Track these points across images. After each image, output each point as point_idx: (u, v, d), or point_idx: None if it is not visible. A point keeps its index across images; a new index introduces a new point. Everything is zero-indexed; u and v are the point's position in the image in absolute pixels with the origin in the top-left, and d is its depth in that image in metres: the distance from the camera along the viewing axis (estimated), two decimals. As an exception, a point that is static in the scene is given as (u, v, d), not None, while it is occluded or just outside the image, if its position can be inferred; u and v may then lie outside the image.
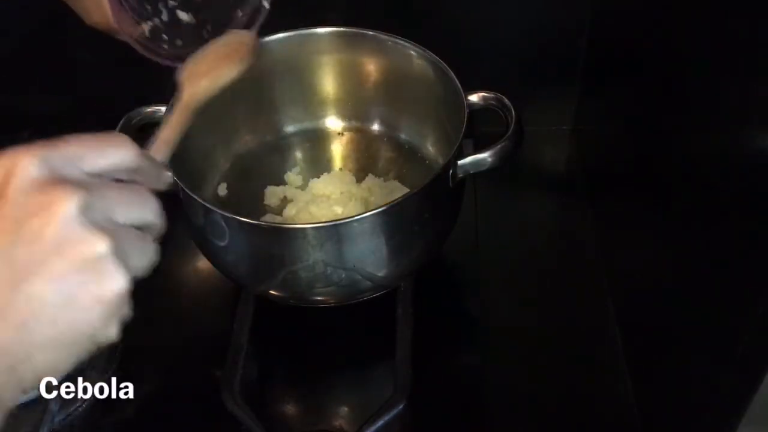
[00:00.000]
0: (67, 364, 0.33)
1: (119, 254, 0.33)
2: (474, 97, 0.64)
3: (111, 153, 0.36)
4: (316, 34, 0.72)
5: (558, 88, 0.84)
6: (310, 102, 0.78)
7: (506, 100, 0.64)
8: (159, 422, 0.63)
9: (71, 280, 0.32)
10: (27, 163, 0.32)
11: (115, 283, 0.33)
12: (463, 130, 0.61)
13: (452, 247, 0.70)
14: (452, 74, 0.65)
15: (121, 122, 0.65)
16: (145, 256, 0.35)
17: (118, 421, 0.63)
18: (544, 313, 0.69)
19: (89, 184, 0.33)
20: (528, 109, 0.64)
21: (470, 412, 0.63)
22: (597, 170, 0.79)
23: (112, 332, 0.34)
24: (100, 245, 0.32)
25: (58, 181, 0.32)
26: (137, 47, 0.57)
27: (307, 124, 0.79)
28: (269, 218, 0.71)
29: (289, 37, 0.71)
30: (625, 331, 0.66)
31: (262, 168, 0.76)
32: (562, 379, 0.64)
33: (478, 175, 0.63)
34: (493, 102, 0.64)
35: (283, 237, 0.59)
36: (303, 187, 0.74)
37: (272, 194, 0.73)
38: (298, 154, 0.77)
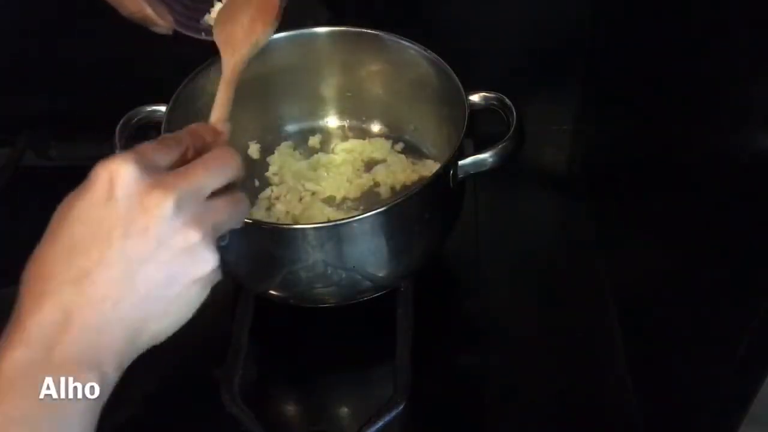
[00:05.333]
0: (173, 329, 0.41)
1: (212, 234, 0.41)
2: (475, 97, 0.64)
3: (174, 151, 0.42)
4: (316, 34, 0.72)
5: (558, 88, 0.84)
6: (311, 102, 0.78)
7: (507, 100, 0.64)
8: (159, 422, 0.63)
9: (174, 265, 0.39)
10: (126, 169, 0.38)
11: (208, 263, 0.40)
12: (464, 130, 0.61)
13: (452, 247, 0.70)
14: (453, 74, 0.65)
15: (121, 122, 0.65)
16: (239, 213, 0.43)
17: (118, 421, 0.63)
18: (545, 313, 0.69)
19: (177, 177, 0.40)
20: (528, 109, 0.64)
21: (470, 412, 0.63)
22: (597, 170, 0.79)
23: (205, 295, 0.42)
24: (194, 235, 0.39)
25: (153, 185, 0.38)
26: (176, 27, 0.59)
27: (307, 124, 0.79)
28: (267, 217, 0.71)
29: (289, 37, 0.71)
30: (625, 331, 0.66)
31: (262, 167, 0.76)
32: (563, 379, 0.64)
33: (479, 174, 0.63)
34: (494, 102, 0.64)
35: (283, 237, 0.59)
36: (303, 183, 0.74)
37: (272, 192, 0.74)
38: (299, 154, 0.77)
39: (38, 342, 0.36)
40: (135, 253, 0.38)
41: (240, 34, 0.58)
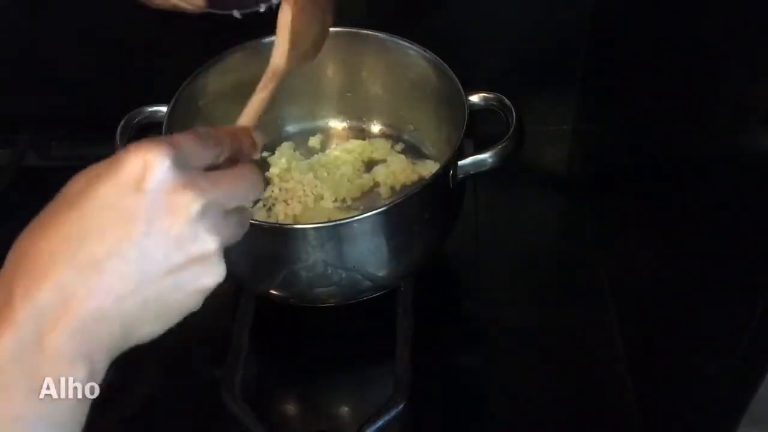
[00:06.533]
0: (161, 331, 0.39)
1: (224, 246, 0.39)
2: (474, 98, 0.64)
3: (214, 149, 0.41)
4: (316, 34, 0.72)
5: (558, 88, 0.84)
6: (311, 102, 0.78)
7: (507, 101, 0.64)
8: (159, 422, 0.63)
9: (185, 272, 0.38)
10: (161, 161, 0.36)
11: (216, 276, 0.39)
12: (464, 130, 0.61)
13: (452, 247, 0.70)
14: (453, 74, 0.65)
15: (122, 123, 0.65)
16: (242, 228, 0.42)
17: (118, 421, 0.63)
18: (544, 313, 0.69)
19: (207, 185, 0.38)
20: (528, 109, 0.64)
21: (470, 412, 0.63)
22: (597, 170, 0.79)
23: (197, 307, 0.40)
24: (211, 245, 0.38)
25: (185, 184, 0.37)
26: (209, 9, 0.57)
27: (307, 124, 0.79)
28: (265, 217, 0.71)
29: (289, 37, 0.71)
30: (625, 330, 0.66)
31: (263, 167, 0.76)
32: (562, 379, 0.64)
33: (479, 174, 0.63)
34: (494, 102, 0.64)
35: (284, 237, 0.59)
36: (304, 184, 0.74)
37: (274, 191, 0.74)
38: (299, 154, 0.77)
39: (30, 326, 0.34)
40: (152, 251, 0.36)
41: (306, 48, 0.54)
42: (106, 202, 0.36)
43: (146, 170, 0.36)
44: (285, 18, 0.50)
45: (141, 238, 0.36)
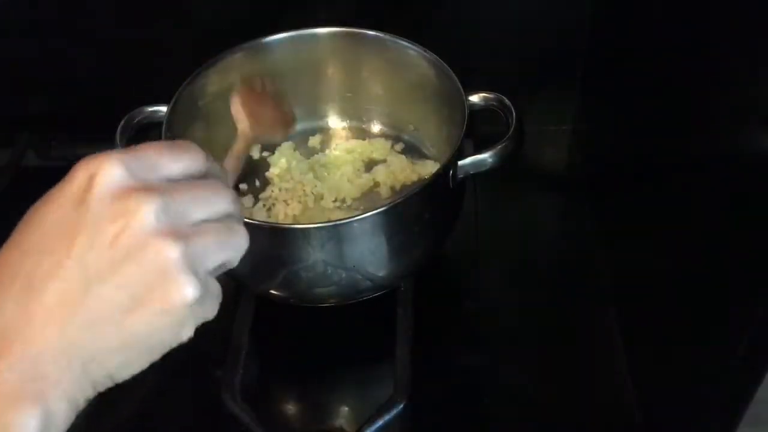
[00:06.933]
0: (138, 366, 0.34)
1: (193, 258, 0.33)
2: (474, 98, 0.64)
3: (184, 157, 0.36)
4: (316, 34, 0.72)
5: (558, 88, 0.84)
6: (311, 102, 0.78)
7: (507, 101, 0.64)
8: (159, 422, 0.63)
9: (139, 285, 0.32)
10: (108, 169, 0.32)
11: (183, 293, 0.33)
12: (464, 130, 0.61)
13: (452, 247, 0.70)
14: (452, 74, 0.65)
15: (122, 122, 0.65)
16: (233, 244, 0.36)
17: (118, 421, 0.63)
18: (545, 313, 0.69)
19: (165, 188, 0.33)
20: (528, 109, 0.64)
21: (470, 412, 0.63)
22: (597, 170, 0.79)
23: (183, 336, 0.34)
24: (170, 252, 0.32)
25: (136, 188, 0.32)
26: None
27: (307, 124, 0.79)
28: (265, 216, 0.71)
29: (289, 37, 0.71)
30: (625, 331, 0.66)
31: (263, 167, 0.76)
32: (562, 379, 0.64)
33: (479, 174, 0.63)
34: (494, 102, 0.64)
35: (284, 237, 0.59)
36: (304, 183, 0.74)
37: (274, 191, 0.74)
38: (299, 154, 0.77)
39: None
40: (96, 265, 0.31)
41: (267, 121, 0.63)
42: (49, 220, 0.32)
43: (92, 182, 0.32)
44: (235, 103, 0.60)
45: (83, 253, 0.31)
